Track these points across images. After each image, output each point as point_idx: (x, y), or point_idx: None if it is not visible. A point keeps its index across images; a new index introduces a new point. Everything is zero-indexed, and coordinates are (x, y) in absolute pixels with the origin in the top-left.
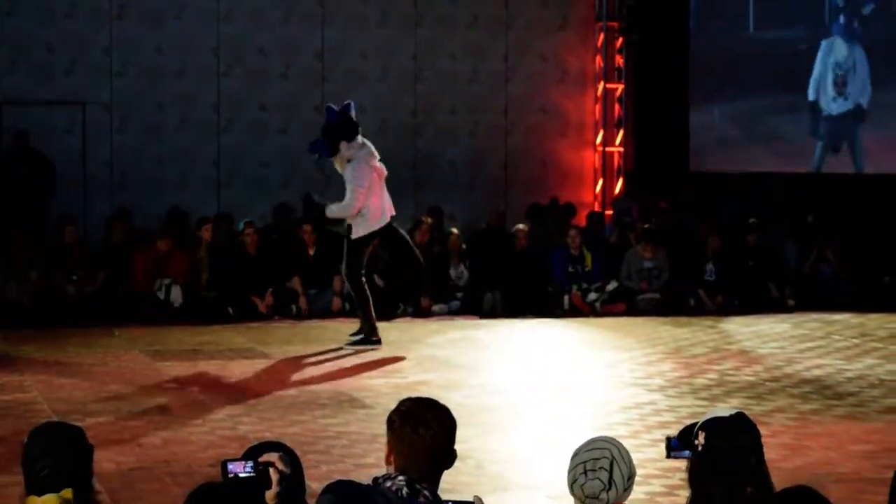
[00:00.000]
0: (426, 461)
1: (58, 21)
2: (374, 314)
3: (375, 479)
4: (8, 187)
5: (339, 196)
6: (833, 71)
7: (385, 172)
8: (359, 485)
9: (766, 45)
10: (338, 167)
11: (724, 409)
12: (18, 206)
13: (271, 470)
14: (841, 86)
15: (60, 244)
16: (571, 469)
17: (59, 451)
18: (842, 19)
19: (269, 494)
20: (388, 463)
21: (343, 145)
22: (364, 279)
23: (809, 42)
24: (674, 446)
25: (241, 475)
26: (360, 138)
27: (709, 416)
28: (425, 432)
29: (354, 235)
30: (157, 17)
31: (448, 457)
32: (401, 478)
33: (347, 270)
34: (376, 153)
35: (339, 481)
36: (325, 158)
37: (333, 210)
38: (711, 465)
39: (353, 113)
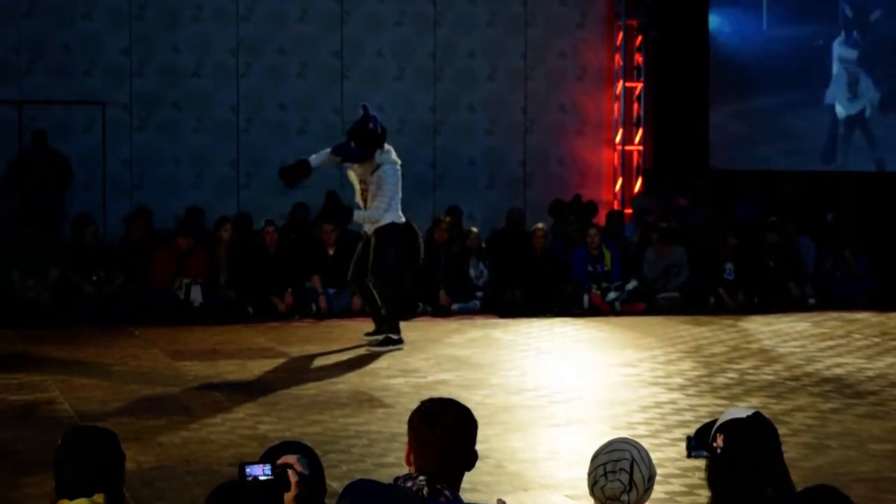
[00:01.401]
0: (445, 461)
1: (76, 22)
2: (397, 313)
3: (396, 479)
4: (26, 187)
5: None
6: (846, 72)
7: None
8: (379, 484)
9: (780, 43)
10: (359, 170)
11: (741, 410)
12: (37, 205)
13: (290, 472)
14: (854, 86)
15: (79, 243)
16: (592, 471)
17: (92, 456)
18: (855, 34)
19: (288, 497)
20: (408, 463)
21: (377, 153)
22: (389, 279)
23: (823, 38)
24: (693, 445)
25: (260, 478)
26: (386, 144)
27: (726, 418)
28: (444, 432)
29: (385, 222)
30: (175, 17)
31: (468, 457)
32: (422, 478)
33: (374, 269)
34: (398, 159)
35: (360, 481)
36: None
37: (363, 215)
38: (730, 467)
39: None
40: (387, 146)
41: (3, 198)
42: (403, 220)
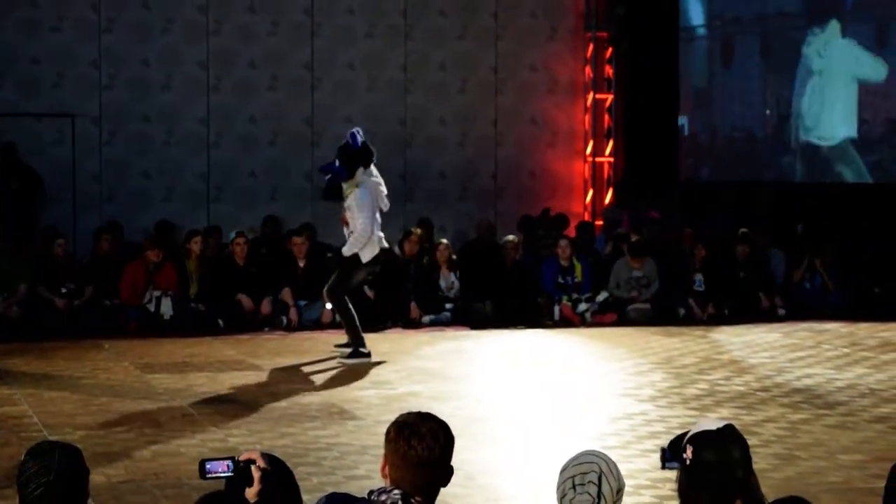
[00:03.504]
0: (420, 475)
1: (45, 34)
2: (359, 327)
3: (370, 492)
4: None
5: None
6: (817, 80)
7: (387, 206)
8: (353, 498)
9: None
10: (346, 189)
11: (712, 422)
12: (7, 218)
13: (252, 468)
14: (824, 94)
15: (49, 257)
16: (560, 484)
17: (55, 472)
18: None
19: (251, 493)
20: (383, 475)
21: (359, 171)
22: (347, 297)
23: (790, 45)
24: (668, 457)
25: (222, 475)
26: (373, 167)
27: (697, 429)
28: (419, 445)
29: (363, 259)
30: (144, 30)
31: (444, 472)
32: (396, 491)
33: (333, 288)
34: (384, 186)
35: (334, 494)
36: (342, 179)
37: (347, 251)
38: (699, 479)
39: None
40: (372, 170)
41: None
42: (382, 246)
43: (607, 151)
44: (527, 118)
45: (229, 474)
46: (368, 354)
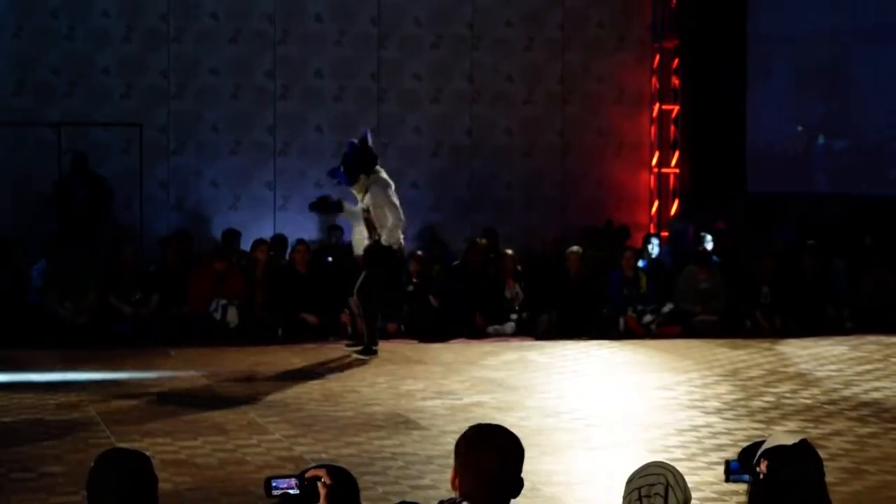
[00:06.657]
0: (489, 487)
1: (115, 44)
2: (376, 328)
3: (440, 503)
4: (67, 208)
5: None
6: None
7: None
8: None
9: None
10: (357, 194)
11: (785, 436)
12: (76, 226)
13: (319, 484)
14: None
15: (117, 265)
16: (626, 495)
17: (125, 479)
18: None
19: None
20: (454, 487)
21: (362, 177)
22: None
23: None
24: (733, 469)
25: (290, 493)
26: (377, 168)
27: (771, 443)
28: (489, 458)
29: (385, 242)
30: (213, 39)
31: (513, 485)
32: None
33: (361, 289)
34: (392, 183)
35: (404, 503)
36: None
37: (387, 241)
38: (773, 494)
39: (369, 140)
40: (378, 168)
41: (44, 219)
42: (396, 241)
43: (673, 163)
44: (593, 128)
45: (296, 492)
46: (376, 353)
